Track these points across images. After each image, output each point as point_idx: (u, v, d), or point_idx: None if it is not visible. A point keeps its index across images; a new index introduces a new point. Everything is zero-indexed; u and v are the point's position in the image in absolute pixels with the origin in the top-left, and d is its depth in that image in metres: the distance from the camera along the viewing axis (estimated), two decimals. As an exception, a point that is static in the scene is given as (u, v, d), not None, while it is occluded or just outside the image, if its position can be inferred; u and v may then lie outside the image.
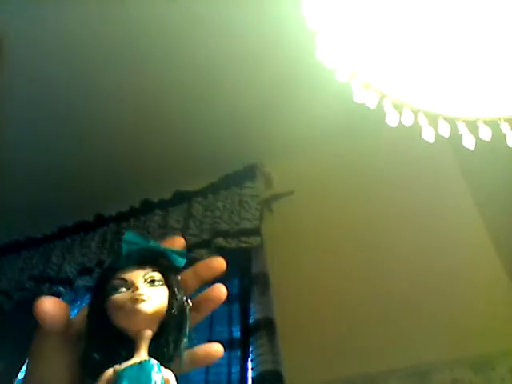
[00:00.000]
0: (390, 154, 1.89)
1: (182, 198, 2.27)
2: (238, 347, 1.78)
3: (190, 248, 2.07)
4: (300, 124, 2.01)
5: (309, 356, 1.67)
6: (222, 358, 1.49)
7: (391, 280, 1.73)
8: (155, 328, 0.81)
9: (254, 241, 1.99)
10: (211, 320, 1.89)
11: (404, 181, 1.87)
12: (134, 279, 1.13)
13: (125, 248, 1.17)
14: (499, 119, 0.56)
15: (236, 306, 1.91)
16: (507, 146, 0.57)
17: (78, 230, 2.38)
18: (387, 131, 0.77)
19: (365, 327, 1.67)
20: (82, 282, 2.19)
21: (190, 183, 2.25)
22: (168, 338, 0.84)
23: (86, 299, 2.17)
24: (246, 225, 2.04)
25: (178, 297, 1.16)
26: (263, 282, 1.88)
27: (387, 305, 1.68)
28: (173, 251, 1.32)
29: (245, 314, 1.85)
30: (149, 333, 1.00)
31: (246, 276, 1.95)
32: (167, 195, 2.29)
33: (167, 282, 1.15)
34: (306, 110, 1.93)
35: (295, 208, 2.04)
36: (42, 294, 2.23)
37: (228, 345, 1.79)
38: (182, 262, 1.30)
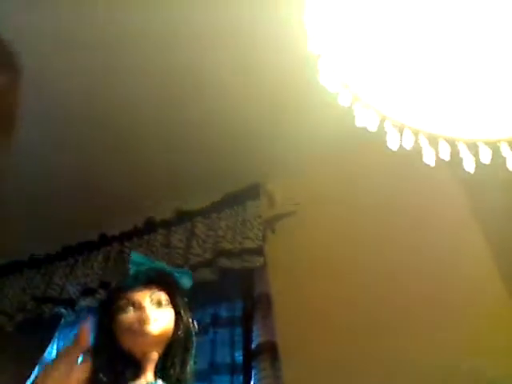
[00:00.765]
0: (393, 174, 1.89)
1: (184, 217, 2.27)
2: (240, 372, 1.77)
3: (192, 268, 2.06)
4: (302, 144, 2.02)
5: (311, 380, 1.65)
6: (225, 383, 1.46)
7: (394, 302, 1.71)
8: (162, 349, 0.81)
9: (256, 261, 1.99)
10: (213, 344, 1.88)
11: (407, 200, 1.87)
12: (141, 300, 1.13)
13: (132, 269, 1.18)
14: (499, 141, 0.57)
15: (239, 330, 1.89)
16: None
17: (81, 250, 2.38)
18: (389, 151, 0.78)
19: (368, 350, 1.65)
20: (84, 302, 2.18)
21: (193, 202, 2.25)
22: (174, 360, 0.83)
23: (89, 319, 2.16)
24: (249, 244, 2.04)
25: (184, 318, 1.16)
26: (266, 304, 1.87)
27: (390, 327, 1.67)
28: (179, 272, 1.31)
29: (247, 338, 1.83)
30: (155, 355, 0.99)
31: (248, 298, 1.94)
32: (170, 214, 2.29)
33: (173, 303, 1.15)
34: (309, 129, 1.95)
35: (298, 228, 2.03)
36: (43, 314, 2.22)
37: (230, 369, 1.78)
38: (187, 283, 1.30)
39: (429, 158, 0.59)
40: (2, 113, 0.52)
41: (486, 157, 0.58)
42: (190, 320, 1.11)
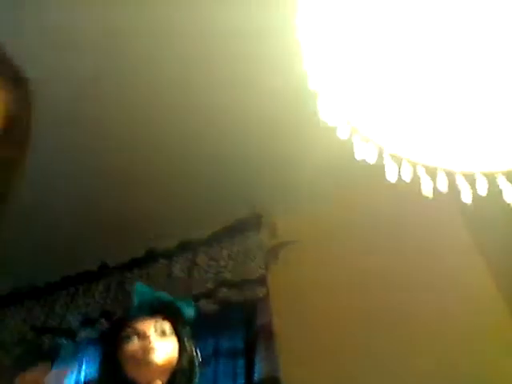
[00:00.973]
0: (394, 206, 1.89)
1: (186, 247, 2.27)
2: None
3: (194, 298, 2.05)
4: (304, 175, 2.03)
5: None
6: None
7: (397, 333, 1.70)
8: (165, 378, 0.82)
9: (259, 292, 1.98)
10: (215, 375, 1.85)
11: (409, 231, 1.87)
12: (145, 330, 1.14)
13: (136, 299, 1.19)
14: (496, 173, 0.58)
15: (241, 362, 1.87)
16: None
17: (82, 280, 2.37)
18: (390, 183, 0.79)
19: (372, 378, 1.63)
20: (84, 333, 2.16)
21: (194, 232, 2.25)
22: None
23: (87, 353, 2.13)
24: (251, 275, 2.03)
25: (188, 348, 1.16)
26: (268, 335, 1.85)
27: (394, 358, 1.65)
28: (182, 302, 1.32)
29: (249, 370, 1.80)
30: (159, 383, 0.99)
31: (250, 329, 1.92)
32: (172, 244, 2.29)
33: (177, 333, 1.16)
34: (311, 162, 1.96)
35: (300, 258, 2.03)
36: (42, 346, 2.19)
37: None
38: (191, 313, 1.31)
39: (427, 190, 0.60)
40: (17, 130, 0.52)
41: (483, 188, 0.59)
42: (194, 349, 1.12)
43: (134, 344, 1.01)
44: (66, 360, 2.18)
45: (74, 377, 2.10)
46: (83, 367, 2.10)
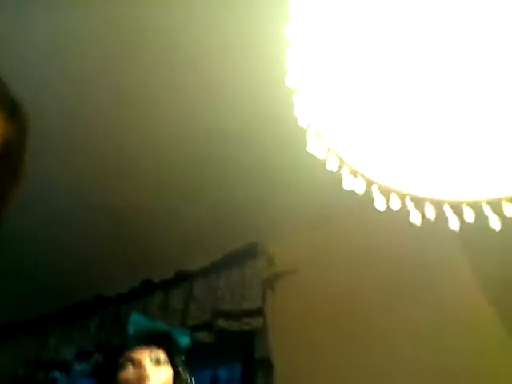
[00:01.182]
0: (390, 235, 1.90)
1: (183, 278, 2.26)
2: None
3: (191, 330, 2.03)
4: (300, 205, 2.05)
5: None
6: None
7: (397, 359, 1.68)
8: None
9: (256, 322, 1.96)
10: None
11: (405, 259, 1.87)
12: (140, 358, 1.15)
13: (132, 328, 1.20)
14: (483, 202, 0.59)
15: (238, 393, 1.85)
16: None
17: (77, 312, 2.34)
18: (385, 213, 0.80)
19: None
20: (79, 367, 2.13)
21: (191, 263, 2.25)
22: None
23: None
24: (249, 305, 2.02)
25: (183, 376, 1.17)
26: (267, 366, 1.84)
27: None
28: (177, 331, 1.34)
29: (248, 402, 1.78)
30: None
31: (248, 360, 1.90)
32: (168, 276, 2.28)
33: (172, 362, 1.17)
34: (305, 190, 1.98)
35: (298, 288, 2.02)
36: (37, 380, 2.16)
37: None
38: (186, 341, 1.31)
39: (415, 219, 0.61)
40: (11, 162, 0.54)
41: (470, 217, 0.60)
42: (188, 378, 1.13)
43: (129, 372, 1.03)
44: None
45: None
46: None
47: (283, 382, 1.80)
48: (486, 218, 0.62)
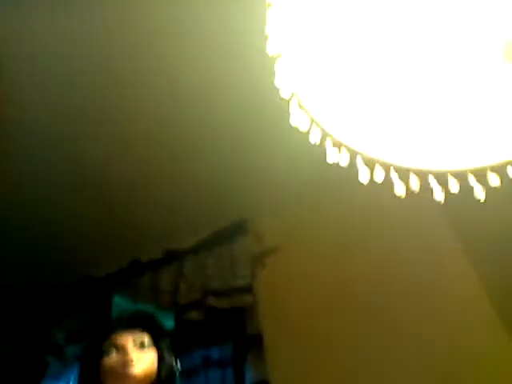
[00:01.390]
0: (382, 211, 1.90)
1: (172, 256, 2.25)
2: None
3: (181, 309, 2.04)
4: (290, 180, 2.04)
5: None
6: None
7: (388, 336, 1.70)
8: None
9: (246, 299, 1.97)
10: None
11: (396, 236, 1.88)
12: (124, 343, 1.15)
13: (115, 311, 1.19)
14: (467, 171, 0.59)
15: (230, 370, 1.86)
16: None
17: (67, 294, 2.33)
18: (377, 189, 0.79)
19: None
20: (71, 349, 2.13)
21: (179, 241, 2.24)
22: None
23: (76, 368, 2.11)
24: (238, 283, 2.03)
25: (167, 359, 1.17)
26: (258, 344, 1.85)
27: (385, 363, 1.65)
28: (161, 314, 1.33)
29: (239, 379, 1.80)
30: None
31: (239, 338, 1.91)
32: (157, 255, 2.28)
33: (156, 345, 1.16)
34: (296, 166, 1.97)
35: (287, 264, 2.03)
36: (30, 364, 2.16)
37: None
38: (170, 324, 1.31)
39: (399, 190, 0.61)
40: None
41: (454, 187, 0.60)
42: (173, 361, 1.13)
43: (113, 357, 1.02)
44: (53, 377, 2.15)
45: (62, 393, 2.07)
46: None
47: (274, 359, 1.82)
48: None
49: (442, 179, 0.59)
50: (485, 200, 0.60)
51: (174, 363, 1.11)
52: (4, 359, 2.19)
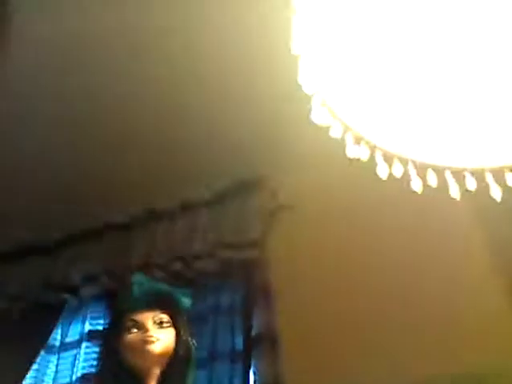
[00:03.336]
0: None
1: (187, 207, 2.29)
2: (240, 360, 1.81)
3: (194, 258, 2.10)
4: (305, 140, 2.02)
5: (311, 369, 1.69)
6: (225, 370, 1.55)
7: (395, 297, 1.74)
8: (163, 367, 0.88)
9: (257, 253, 2.02)
10: (214, 330, 1.92)
11: (409, 202, 1.87)
12: (144, 321, 1.21)
13: (135, 290, 1.24)
14: (485, 170, 0.59)
15: (239, 318, 1.93)
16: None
17: (84, 238, 2.41)
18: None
19: (368, 343, 1.69)
20: (87, 289, 2.23)
21: (195, 193, 2.27)
22: (175, 376, 0.90)
23: (91, 307, 2.21)
24: (251, 236, 2.07)
25: (184, 338, 1.23)
26: (266, 293, 1.91)
27: (391, 321, 1.70)
28: (179, 292, 1.38)
29: (248, 326, 1.87)
30: (157, 371, 1.07)
31: (249, 288, 1.97)
32: (173, 205, 2.31)
33: (174, 323, 1.22)
34: (312, 127, 1.95)
35: (300, 222, 2.04)
36: (47, 301, 2.26)
37: (230, 357, 1.82)
38: (187, 302, 1.37)
39: (416, 186, 0.61)
40: None
41: (471, 185, 0.60)
42: (190, 338, 1.19)
43: (134, 335, 1.07)
44: (71, 314, 2.26)
45: (78, 330, 2.18)
46: (87, 321, 2.17)
47: (282, 308, 1.88)
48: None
49: (459, 176, 0.59)
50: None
51: (191, 342, 1.17)
52: (24, 296, 2.29)
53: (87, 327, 2.14)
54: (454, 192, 0.60)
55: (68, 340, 2.16)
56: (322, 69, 0.55)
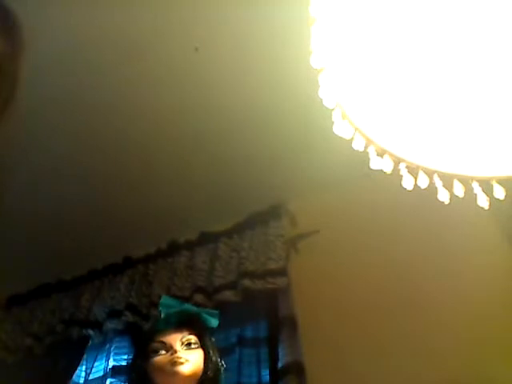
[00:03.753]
0: (417, 193, 1.87)
1: (207, 238, 2.29)
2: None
3: (216, 289, 2.08)
4: (325, 165, 2.03)
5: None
6: None
7: (421, 321, 1.70)
8: None
9: (280, 282, 2.00)
10: (240, 363, 1.89)
11: (430, 223, 1.85)
12: (172, 342, 1.20)
13: (163, 311, 1.24)
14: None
15: (264, 350, 1.90)
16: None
17: (107, 273, 2.42)
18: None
19: (394, 370, 1.64)
20: (110, 325, 2.22)
21: (215, 224, 2.28)
22: None
23: (115, 342, 2.20)
24: (272, 265, 2.05)
25: (213, 359, 1.22)
26: (291, 324, 1.88)
27: (420, 348, 1.66)
28: (206, 313, 1.37)
29: (273, 358, 1.84)
30: None
31: (273, 318, 1.95)
32: (193, 236, 2.32)
33: (202, 344, 1.21)
34: (332, 151, 1.95)
35: (321, 247, 2.03)
36: (71, 337, 2.26)
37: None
38: (215, 323, 1.36)
39: (443, 196, 0.61)
40: (4, 79, 0.46)
41: (499, 194, 0.59)
42: (218, 359, 1.17)
43: (162, 357, 1.06)
44: (95, 350, 2.25)
45: (102, 366, 2.17)
46: (111, 356, 2.16)
47: (308, 340, 1.84)
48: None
49: (486, 186, 0.59)
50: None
51: (219, 362, 1.15)
52: (49, 332, 2.29)
53: (111, 363, 2.12)
54: (483, 202, 0.59)
55: (92, 376, 2.15)
56: (342, 82, 0.56)
